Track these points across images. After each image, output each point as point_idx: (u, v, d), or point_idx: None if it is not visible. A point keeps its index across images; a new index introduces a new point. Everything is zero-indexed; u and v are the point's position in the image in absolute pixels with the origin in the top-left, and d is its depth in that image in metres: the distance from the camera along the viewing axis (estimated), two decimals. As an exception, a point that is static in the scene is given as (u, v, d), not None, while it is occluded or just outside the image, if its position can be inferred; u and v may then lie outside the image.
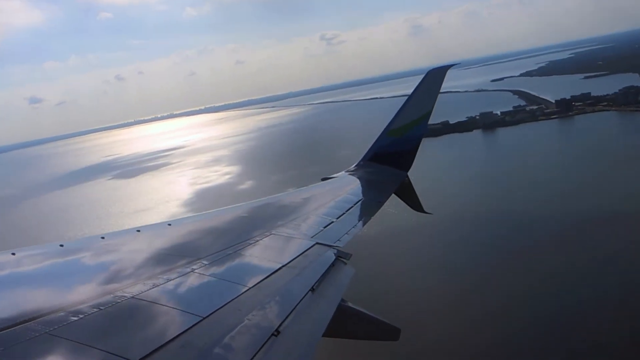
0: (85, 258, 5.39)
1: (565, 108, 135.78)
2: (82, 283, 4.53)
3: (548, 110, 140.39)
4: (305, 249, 6.46)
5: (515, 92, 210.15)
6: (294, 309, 4.85)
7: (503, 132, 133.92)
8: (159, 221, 7.25)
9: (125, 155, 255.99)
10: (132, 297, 4.25)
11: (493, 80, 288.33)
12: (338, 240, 7.14)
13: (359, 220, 8.34)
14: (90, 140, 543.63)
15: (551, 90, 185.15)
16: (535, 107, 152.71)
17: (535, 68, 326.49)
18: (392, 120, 12.11)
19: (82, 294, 4.11)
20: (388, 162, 12.07)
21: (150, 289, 4.50)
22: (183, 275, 5.01)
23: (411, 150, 12.13)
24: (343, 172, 11.69)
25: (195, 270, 5.20)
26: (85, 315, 3.80)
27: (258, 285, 5.14)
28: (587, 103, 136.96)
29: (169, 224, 6.86)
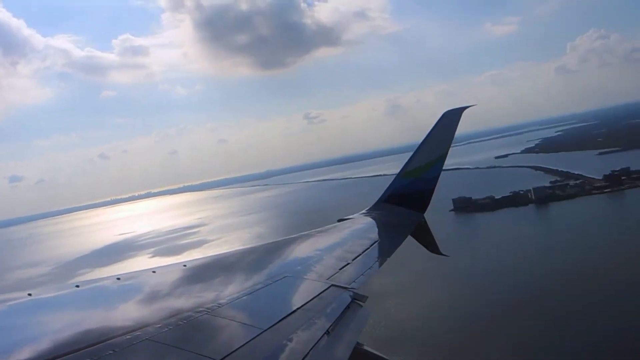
0: (99, 299, 5.40)
1: (615, 182, 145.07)
2: (94, 326, 4.49)
3: (598, 185, 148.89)
4: (320, 291, 6.50)
5: (536, 168, 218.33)
6: (309, 352, 4.89)
7: (559, 207, 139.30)
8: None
9: (146, 232, 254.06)
10: (146, 340, 4.28)
11: (497, 157, 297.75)
12: (354, 282, 7.18)
13: (375, 262, 8.43)
14: (68, 220, 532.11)
15: (575, 165, 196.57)
16: (576, 182, 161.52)
17: (532, 145, 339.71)
18: (408, 162, 12.50)
19: (94, 338, 4.09)
20: (404, 204, 12.28)
21: (165, 331, 4.53)
22: (197, 317, 5.03)
23: (427, 191, 12.36)
24: (359, 213, 11.93)
25: (210, 312, 5.21)
26: (99, 358, 3.84)
27: (273, 328, 5.17)
28: (633, 177, 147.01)
29: (185, 265, 6.85)
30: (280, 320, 5.36)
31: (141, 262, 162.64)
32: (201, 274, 6.83)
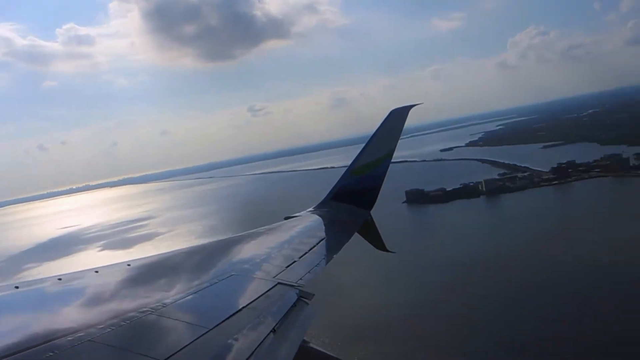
0: (40, 300, 5.23)
1: (562, 174, 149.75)
2: (35, 327, 4.37)
3: (546, 177, 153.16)
4: (266, 290, 6.51)
5: (482, 161, 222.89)
6: (255, 351, 4.88)
7: (510, 198, 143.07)
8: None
9: (91, 225, 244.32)
10: (89, 341, 4.18)
11: (443, 150, 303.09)
12: (300, 279, 7.23)
13: (321, 259, 8.48)
14: (6, 214, 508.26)
15: (521, 158, 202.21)
16: (524, 174, 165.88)
17: (476, 139, 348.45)
18: (355, 159, 12.57)
19: (35, 339, 4.00)
20: (351, 201, 12.38)
21: (108, 332, 4.44)
22: (141, 317, 4.93)
23: (374, 189, 12.47)
24: (306, 211, 12.04)
25: (154, 313, 5.11)
26: None
27: (218, 327, 5.13)
28: (579, 170, 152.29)
29: (129, 265, 6.70)
30: (225, 319, 5.37)
31: (91, 256, 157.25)
32: (146, 273, 6.75)
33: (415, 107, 12.96)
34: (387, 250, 12.47)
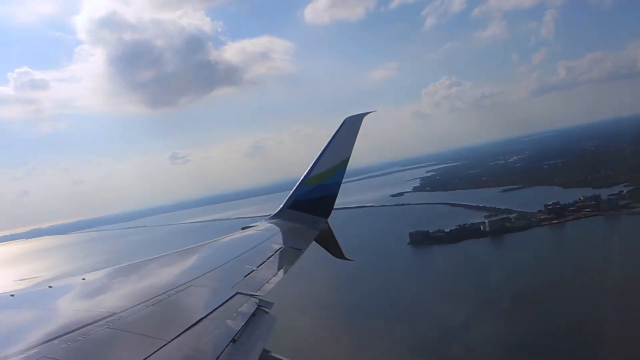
0: None
1: (559, 215, 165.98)
2: None
3: (542, 217, 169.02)
4: (225, 299, 6.59)
5: (453, 205, 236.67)
6: None
7: (521, 237, 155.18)
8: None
9: None
10: (44, 357, 4.12)
11: (393, 195, 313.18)
12: (259, 289, 7.38)
13: (280, 269, 8.72)
14: None
15: (490, 202, 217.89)
16: (513, 215, 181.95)
17: (417, 184, 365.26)
18: (311, 168, 13.10)
19: None
20: (308, 210, 12.89)
21: (64, 347, 4.38)
22: (97, 331, 4.89)
23: (330, 197, 13.08)
24: (262, 220, 12.56)
25: (110, 326, 5.09)
26: None
27: (177, 338, 5.14)
28: (570, 210, 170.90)
29: (83, 279, 6.73)
30: (184, 331, 5.42)
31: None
32: (101, 286, 6.88)
33: None
34: (345, 258, 13.11)
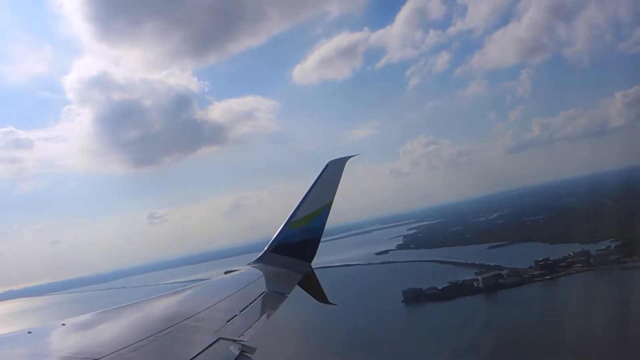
0: None
1: (550, 271, 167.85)
2: None
3: (534, 273, 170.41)
4: (208, 345, 6.59)
5: (441, 262, 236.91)
6: None
7: (517, 292, 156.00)
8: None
9: None
10: None
11: (378, 254, 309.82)
12: (242, 334, 7.39)
13: (262, 313, 8.77)
14: None
15: (479, 259, 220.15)
16: (503, 272, 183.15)
17: (401, 242, 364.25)
18: (294, 212, 13.22)
19: None
20: (291, 254, 12.94)
21: None
22: None
23: (314, 241, 13.15)
24: (246, 264, 12.68)
25: None
26: None
27: None
28: (561, 265, 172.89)
29: (63, 324, 6.70)
30: None
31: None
32: (81, 332, 6.86)
33: None
34: (329, 303, 13.00)
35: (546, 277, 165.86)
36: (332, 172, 13.47)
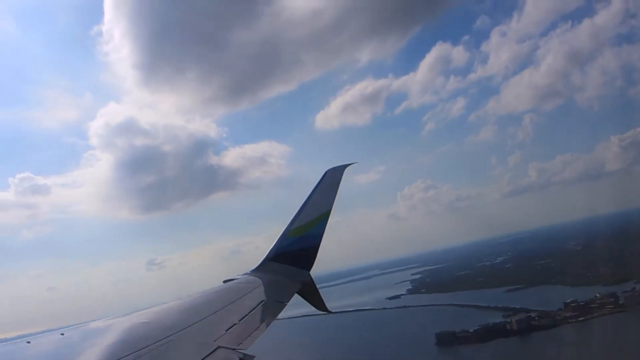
0: None
1: (584, 312, 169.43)
2: None
3: (568, 315, 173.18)
4: (207, 354, 6.65)
5: (460, 306, 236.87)
6: None
7: (553, 335, 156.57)
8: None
9: None
10: None
11: (390, 298, 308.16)
12: (241, 343, 7.43)
13: (262, 322, 8.78)
14: None
15: (497, 302, 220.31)
16: (533, 315, 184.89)
17: (409, 287, 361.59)
18: (293, 220, 13.27)
19: None
20: (290, 262, 12.86)
21: None
22: None
23: (313, 249, 13.02)
24: (244, 273, 12.51)
25: None
26: None
27: None
28: (591, 307, 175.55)
29: (62, 334, 6.78)
30: None
31: None
32: (80, 342, 6.96)
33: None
34: (328, 311, 13.30)
35: (580, 319, 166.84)
36: (331, 180, 13.59)
